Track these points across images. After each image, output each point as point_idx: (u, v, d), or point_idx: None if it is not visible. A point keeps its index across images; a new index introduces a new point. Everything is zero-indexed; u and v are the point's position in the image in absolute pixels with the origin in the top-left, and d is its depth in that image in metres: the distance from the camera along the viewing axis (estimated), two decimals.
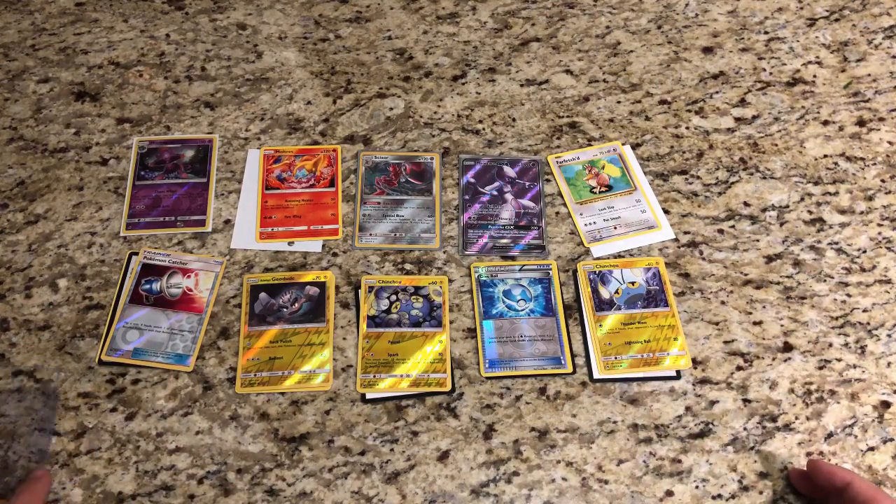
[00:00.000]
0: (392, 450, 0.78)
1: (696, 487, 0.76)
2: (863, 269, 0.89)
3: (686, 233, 0.91)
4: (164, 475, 0.76)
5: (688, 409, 0.80)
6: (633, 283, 0.87)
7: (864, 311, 0.86)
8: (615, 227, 0.92)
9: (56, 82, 1.03)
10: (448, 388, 0.81)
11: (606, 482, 0.76)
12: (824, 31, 1.09)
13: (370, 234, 0.91)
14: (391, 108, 1.02)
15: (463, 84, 1.04)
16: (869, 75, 1.04)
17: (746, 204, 0.93)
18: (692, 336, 0.85)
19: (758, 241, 0.91)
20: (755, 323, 0.85)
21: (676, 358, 0.83)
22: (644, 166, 0.96)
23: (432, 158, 0.97)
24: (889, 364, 0.83)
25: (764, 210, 0.93)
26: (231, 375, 0.82)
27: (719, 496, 0.75)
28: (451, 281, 0.88)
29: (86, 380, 0.81)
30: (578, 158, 0.97)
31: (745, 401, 0.81)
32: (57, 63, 1.05)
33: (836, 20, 1.10)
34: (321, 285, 0.87)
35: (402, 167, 0.96)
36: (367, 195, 0.94)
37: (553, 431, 0.79)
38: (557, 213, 0.93)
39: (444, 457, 0.77)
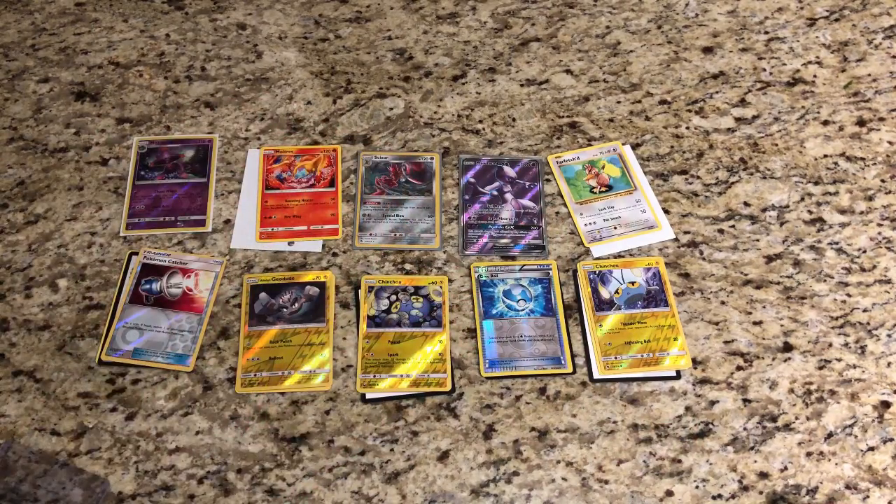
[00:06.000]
0: (392, 450, 0.78)
1: (696, 487, 0.76)
2: (863, 269, 0.89)
3: (686, 233, 0.91)
4: (164, 475, 0.76)
5: (688, 409, 0.80)
6: (633, 283, 0.87)
7: (864, 311, 0.86)
8: (615, 227, 0.92)
9: (56, 82, 1.03)
10: (448, 388, 0.81)
11: (606, 482, 0.76)
12: (824, 31, 1.09)
13: (370, 234, 0.91)
14: (391, 108, 1.02)
15: (463, 84, 1.04)
16: (869, 75, 1.04)
17: (746, 204, 0.93)
18: (692, 336, 0.85)
19: (758, 241, 0.91)
20: (755, 323, 0.85)
21: (676, 358, 0.83)
22: (644, 166, 0.96)
23: (432, 158, 0.97)
24: (889, 364, 0.83)
25: (764, 210, 0.93)
26: (231, 375, 0.82)
27: (719, 496, 0.75)
28: (451, 281, 0.88)
29: (86, 380, 0.81)
30: (578, 158, 0.97)
31: (745, 401, 0.81)
32: (57, 63, 1.05)
33: (836, 20, 1.10)
34: (321, 285, 0.87)
35: (402, 167, 0.96)
36: (367, 195, 0.94)
37: (553, 431, 0.79)
38: (557, 213, 0.94)
39: (444, 457, 0.77)
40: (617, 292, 0.87)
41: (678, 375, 0.82)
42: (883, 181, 0.95)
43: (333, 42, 1.08)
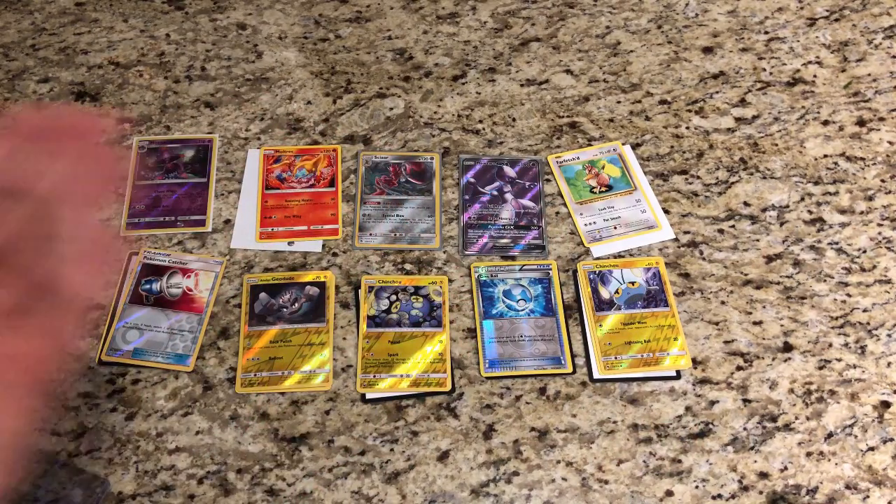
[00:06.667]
0: (392, 450, 0.78)
1: (696, 487, 0.76)
2: (863, 269, 0.89)
3: (686, 233, 0.91)
4: (164, 475, 0.76)
5: (688, 409, 0.80)
6: (633, 283, 0.87)
7: (864, 311, 0.86)
8: (615, 227, 0.92)
9: (56, 82, 1.03)
10: (448, 388, 0.81)
11: (606, 482, 0.76)
12: (824, 30, 1.09)
13: (370, 234, 0.91)
14: (391, 108, 1.02)
15: (463, 84, 1.04)
16: (869, 75, 1.04)
17: (746, 204, 0.93)
18: (692, 336, 0.85)
19: (758, 241, 0.91)
20: (755, 323, 0.85)
21: (676, 358, 0.83)
22: (644, 166, 0.96)
23: (432, 158, 0.97)
24: (889, 364, 0.83)
25: (764, 210, 0.93)
26: (231, 375, 0.82)
27: (719, 496, 0.75)
28: (451, 281, 0.88)
29: (86, 380, 0.81)
30: (578, 158, 0.97)
31: (745, 401, 0.81)
32: (57, 63, 1.05)
33: (836, 20, 1.10)
34: (321, 285, 0.87)
35: (402, 167, 0.96)
36: (367, 195, 0.94)
37: (553, 431, 0.79)
38: (557, 213, 0.94)
39: (444, 457, 0.77)
40: (617, 292, 0.87)
41: (678, 375, 0.82)
42: (883, 181, 0.95)
43: (333, 42, 1.08)
